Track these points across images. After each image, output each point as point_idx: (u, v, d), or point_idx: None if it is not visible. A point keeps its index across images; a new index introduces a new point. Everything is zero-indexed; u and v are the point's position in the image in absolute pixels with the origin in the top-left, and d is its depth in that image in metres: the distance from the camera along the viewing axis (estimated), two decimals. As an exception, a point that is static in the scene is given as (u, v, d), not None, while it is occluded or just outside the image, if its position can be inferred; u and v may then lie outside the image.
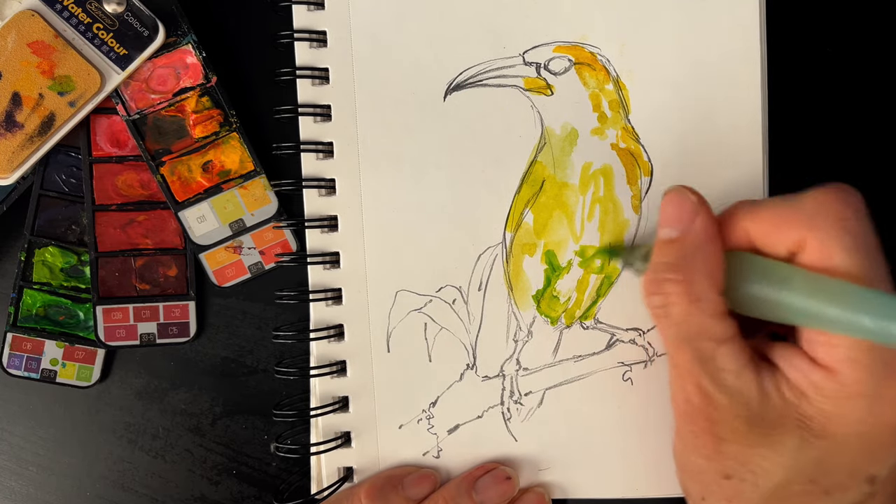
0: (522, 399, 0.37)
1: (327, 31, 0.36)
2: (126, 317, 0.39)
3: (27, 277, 0.39)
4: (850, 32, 0.39)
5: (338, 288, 0.37)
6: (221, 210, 0.39)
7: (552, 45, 0.36)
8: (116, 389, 0.40)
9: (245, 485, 0.40)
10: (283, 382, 0.39)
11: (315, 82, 0.37)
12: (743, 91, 0.36)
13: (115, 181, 0.39)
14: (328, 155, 0.37)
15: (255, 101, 0.39)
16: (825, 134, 0.40)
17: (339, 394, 0.37)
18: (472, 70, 0.36)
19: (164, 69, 0.38)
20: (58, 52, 0.36)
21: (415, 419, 0.37)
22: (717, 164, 0.36)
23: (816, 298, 0.26)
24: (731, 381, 0.28)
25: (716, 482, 0.29)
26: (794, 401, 0.27)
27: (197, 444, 0.40)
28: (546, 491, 0.37)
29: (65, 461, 0.40)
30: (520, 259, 0.36)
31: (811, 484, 0.28)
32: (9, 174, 0.37)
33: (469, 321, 0.37)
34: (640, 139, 0.36)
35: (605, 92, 0.36)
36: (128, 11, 0.36)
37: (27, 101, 0.36)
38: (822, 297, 0.26)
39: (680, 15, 0.36)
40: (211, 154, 0.38)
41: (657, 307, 0.29)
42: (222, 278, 0.39)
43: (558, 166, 0.36)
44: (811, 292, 0.27)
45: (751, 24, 0.36)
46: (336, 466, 0.37)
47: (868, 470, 0.28)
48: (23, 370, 0.39)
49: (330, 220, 0.37)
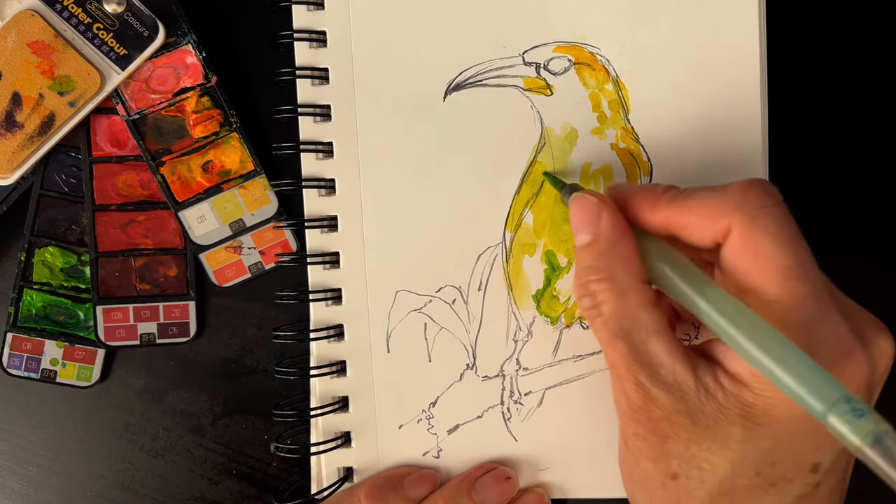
0: (522, 399, 0.37)
1: (327, 31, 0.36)
2: (126, 317, 0.39)
3: (27, 277, 0.39)
4: (851, 32, 0.39)
5: (338, 288, 0.37)
6: (221, 210, 0.39)
7: (552, 45, 0.36)
8: (116, 389, 0.40)
9: (245, 485, 0.40)
10: (283, 382, 0.39)
11: (315, 82, 0.37)
12: (743, 91, 0.36)
13: (115, 181, 0.39)
14: (328, 155, 0.37)
15: (255, 101, 0.39)
16: (825, 134, 0.40)
17: (339, 394, 0.37)
18: (472, 70, 0.36)
19: (164, 69, 0.38)
20: (58, 52, 0.36)
21: (415, 419, 0.37)
22: (716, 164, 0.36)
23: (725, 320, 0.27)
24: (667, 375, 0.28)
25: (662, 485, 0.29)
26: (735, 391, 0.27)
27: (197, 444, 0.40)
28: (546, 491, 0.37)
29: (65, 461, 0.40)
30: (520, 259, 0.36)
31: (757, 476, 0.28)
32: (9, 174, 0.37)
33: (469, 321, 0.37)
34: (639, 139, 0.36)
35: (604, 92, 0.36)
36: (128, 11, 0.36)
37: (27, 101, 0.36)
38: (728, 322, 0.27)
39: (680, 15, 0.36)
40: (211, 154, 0.38)
41: (589, 308, 0.30)
42: (222, 278, 0.39)
43: (558, 166, 0.36)
44: (721, 312, 0.27)
45: (751, 24, 0.36)
46: (336, 466, 0.37)
47: (812, 458, 0.28)
48: (23, 370, 0.39)
49: (330, 220, 0.37)
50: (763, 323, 0.26)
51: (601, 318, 0.29)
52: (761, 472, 0.28)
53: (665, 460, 0.29)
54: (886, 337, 0.28)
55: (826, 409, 0.23)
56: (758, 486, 0.28)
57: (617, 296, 0.29)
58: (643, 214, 0.30)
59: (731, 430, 0.27)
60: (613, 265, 0.29)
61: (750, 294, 0.28)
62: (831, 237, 0.39)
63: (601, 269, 0.30)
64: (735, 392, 0.27)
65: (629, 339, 0.29)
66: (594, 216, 0.30)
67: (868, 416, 0.23)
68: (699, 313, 0.28)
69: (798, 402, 0.24)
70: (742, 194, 0.28)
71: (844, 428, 0.23)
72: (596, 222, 0.30)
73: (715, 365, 0.28)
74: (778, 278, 0.27)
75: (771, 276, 0.27)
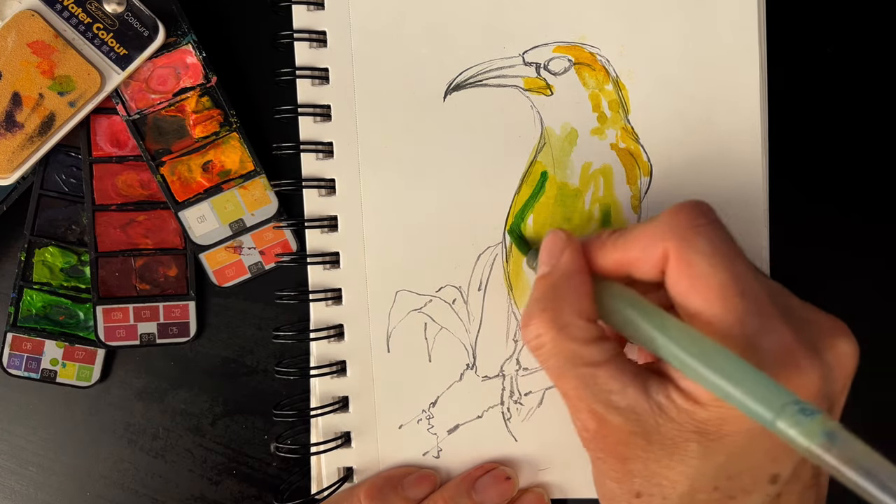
0: (522, 399, 0.37)
1: (327, 31, 0.36)
2: (126, 317, 0.39)
3: (27, 277, 0.39)
4: (851, 32, 0.39)
5: (338, 288, 0.37)
6: (221, 210, 0.39)
7: (552, 46, 0.36)
8: (116, 389, 0.40)
9: (245, 485, 0.40)
10: (283, 382, 0.39)
11: (315, 82, 0.37)
12: (743, 91, 0.36)
13: (115, 181, 0.39)
14: (328, 155, 0.37)
15: (255, 101, 0.39)
16: (825, 134, 0.40)
17: (339, 394, 0.37)
18: (472, 70, 0.36)
19: (164, 69, 0.38)
20: (58, 52, 0.36)
21: (415, 419, 0.37)
22: (716, 164, 0.36)
23: (672, 343, 0.27)
24: (618, 401, 0.28)
25: (627, 503, 0.29)
26: (688, 407, 0.27)
27: (197, 444, 0.40)
28: (545, 491, 0.37)
29: (65, 461, 0.40)
30: (520, 259, 0.36)
31: (716, 491, 0.28)
32: (9, 174, 0.37)
33: (469, 321, 0.37)
34: (639, 139, 0.36)
35: (604, 92, 0.36)
36: (128, 11, 0.36)
37: (27, 101, 0.36)
38: (669, 340, 0.27)
39: (680, 15, 0.36)
40: (211, 154, 0.38)
41: (530, 340, 0.30)
42: (222, 278, 0.39)
43: (558, 166, 0.36)
44: (669, 335, 0.27)
45: (751, 25, 0.36)
46: (336, 466, 0.37)
47: (769, 469, 0.28)
48: (23, 370, 0.39)
49: (330, 220, 0.37)
50: (706, 340, 0.26)
51: (543, 350, 0.29)
52: (719, 486, 0.28)
53: (628, 480, 0.29)
54: (846, 340, 0.28)
55: (774, 416, 0.23)
56: (717, 501, 0.28)
57: (558, 331, 0.29)
58: (596, 260, 0.31)
59: (686, 446, 0.27)
60: (561, 298, 0.29)
61: (694, 317, 0.28)
62: (832, 237, 0.40)
63: (547, 300, 0.30)
64: (688, 409, 0.27)
65: (575, 372, 0.29)
66: (558, 250, 0.31)
67: (815, 416, 0.23)
68: (650, 343, 0.28)
69: (746, 413, 0.24)
70: (673, 218, 0.28)
71: (793, 431, 0.23)
72: (558, 256, 0.31)
73: (667, 382, 0.28)
74: (716, 297, 0.27)
75: (709, 295, 0.27)
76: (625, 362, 0.29)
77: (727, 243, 0.28)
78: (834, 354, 0.28)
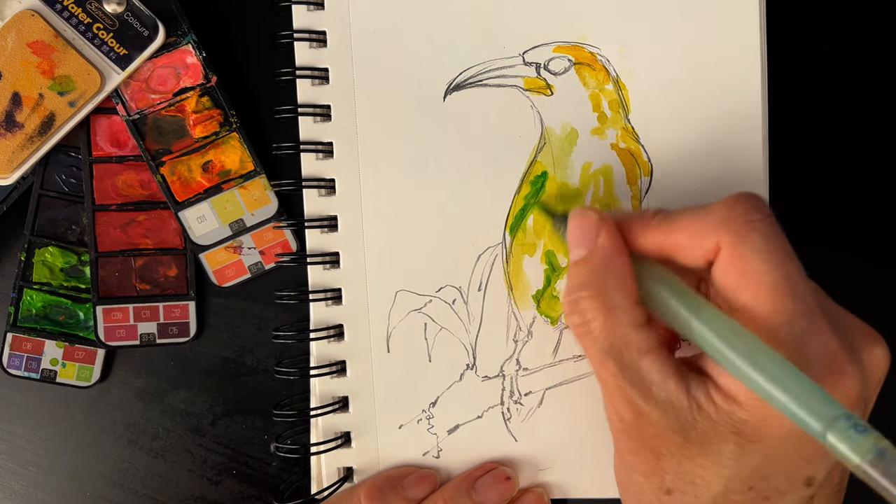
0: (522, 399, 0.37)
1: (327, 31, 0.36)
2: (126, 317, 0.39)
3: (27, 277, 0.39)
4: (851, 32, 0.39)
5: (338, 288, 0.37)
6: (221, 210, 0.39)
7: (552, 46, 0.36)
8: (116, 389, 0.40)
9: (245, 485, 0.40)
10: (283, 382, 0.39)
11: (315, 82, 0.37)
12: (743, 91, 0.36)
13: (115, 181, 0.39)
14: (328, 155, 0.37)
15: (255, 101, 0.39)
16: (825, 134, 0.40)
17: (339, 394, 0.37)
18: (472, 70, 0.36)
19: (164, 69, 0.38)
20: (58, 52, 0.36)
21: (415, 419, 0.37)
22: (717, 164, 0.36)
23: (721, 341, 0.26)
24: (658, 393, 0.28)
25: (657, 499, 0.29)
26: (727, 407, 0.27)
27: (197, 444, 0.40)
28: (546, 491, 0.37)
29: (65, 461, 0.40)
30: (520, 259, 0.36)
31: (751, 491, 0.28)
32: (9, 174, 0.37)
33: (469, 321, 0.37)
34: (639, 139, 0.36)
35: (604, 92, 0.36)
36: (128, 11, 0.36)
37: (27, 101, 0.36)
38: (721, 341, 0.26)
39: (680, 15, 0.36)
40: (211, 154, 0.38)
41: (578, 326, 0.29)
42: (222, 278, 0.39)
43: (558, 166, 0.36)
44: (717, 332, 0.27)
45: (751, 25, 0.36)
46: (336, 466, 0.37)
47: (805, 472, 0.28)
48: (23, 370, 0.39)
49: (330, 220, 0.37)
50: (756, 341, 0.26)
51: (591, 336, 0.29)
52: (754, 486, 0.28)
53: (659, 476, 0.29)
54: (880, 346, 0.28)
55: (824, 428, 0.23)
56: (752, 501, 0.28)
57: (607, 314, 0.29)
58: (636, 240, 0.30)
59: (723, 446, 0.27)
60: (606, 283, 0.29)
61: (741, 312, 0.27)
62: (831, 237, 0.40)
63: (593, 285, 0.29)
64: (727, 409, 0.27)
65: (619, 358, 0.28)
66: (593, 232, 0.30)
67: (867, 433, 0.23)
68: (691, 334, 0.27)
69: (793, 419, 0.24)
70: (728, 210, 0.28)
71: (843, 446, 0.23)
72: (593, 238, 0.30)
73: (707, 380, 0.28)
74: (767, 295, 0.27)
75: (760, 293, 0.27)
76: (668, 354, 0.28)
77: (780, 241, 0.28)
78: (871, 360, 0.28)
